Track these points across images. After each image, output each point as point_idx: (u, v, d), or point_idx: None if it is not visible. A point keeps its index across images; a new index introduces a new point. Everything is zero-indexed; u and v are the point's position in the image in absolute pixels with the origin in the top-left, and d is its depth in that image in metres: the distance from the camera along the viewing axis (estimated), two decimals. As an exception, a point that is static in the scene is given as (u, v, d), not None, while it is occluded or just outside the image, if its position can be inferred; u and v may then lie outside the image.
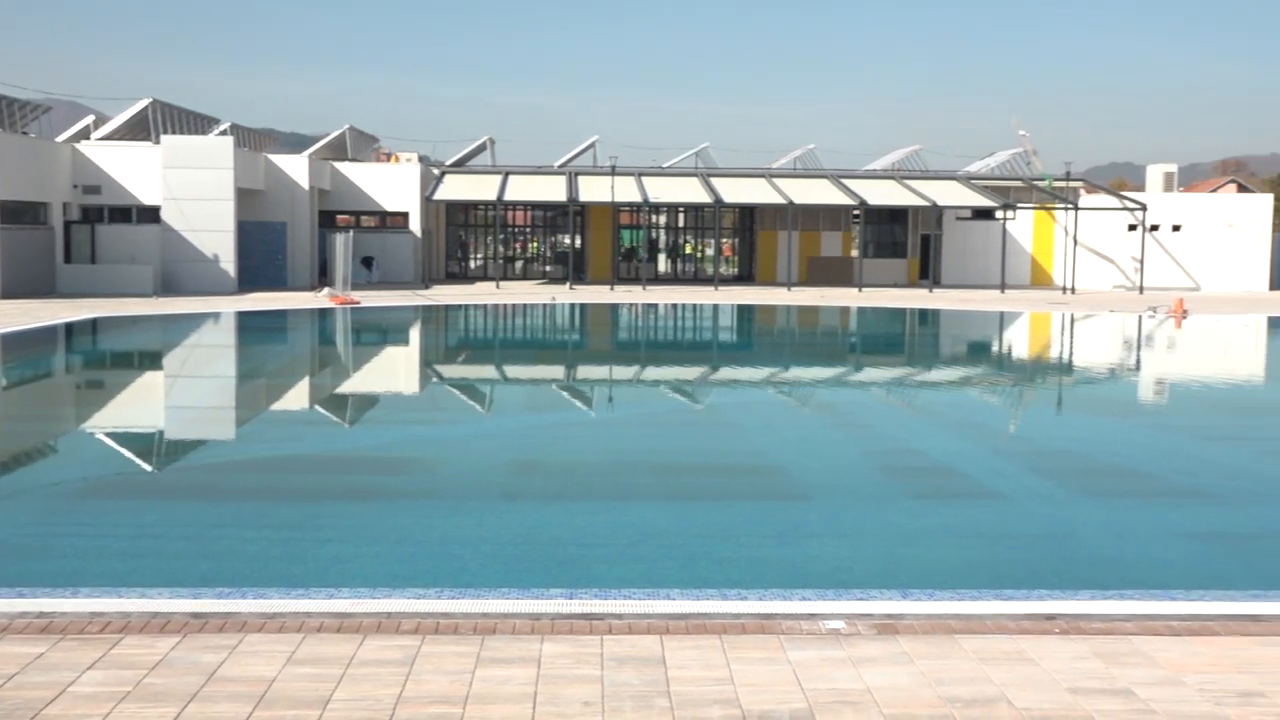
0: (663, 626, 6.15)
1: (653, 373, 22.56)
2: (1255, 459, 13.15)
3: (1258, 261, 51.86)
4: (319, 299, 36.10)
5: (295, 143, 72.94)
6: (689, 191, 49.38)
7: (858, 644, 5.89)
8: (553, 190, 48.00)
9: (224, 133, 44.79)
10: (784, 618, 6.36)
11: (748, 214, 53.28)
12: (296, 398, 18.58)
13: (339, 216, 46.21)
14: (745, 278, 53.46)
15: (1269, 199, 54.96)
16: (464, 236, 54.86)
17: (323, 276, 41.54)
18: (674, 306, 39.33)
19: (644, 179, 49.83)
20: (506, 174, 49.80)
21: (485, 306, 37.31)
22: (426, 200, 46.55)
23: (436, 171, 50.18)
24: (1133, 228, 50.88)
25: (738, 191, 49.29)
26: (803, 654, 5.72)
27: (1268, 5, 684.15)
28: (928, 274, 51.52)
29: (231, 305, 33.14)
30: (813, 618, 6.35)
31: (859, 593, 7.00)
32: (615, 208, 48.63)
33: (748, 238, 54.20)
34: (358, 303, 34.90)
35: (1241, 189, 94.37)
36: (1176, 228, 51.84)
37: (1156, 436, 15.13)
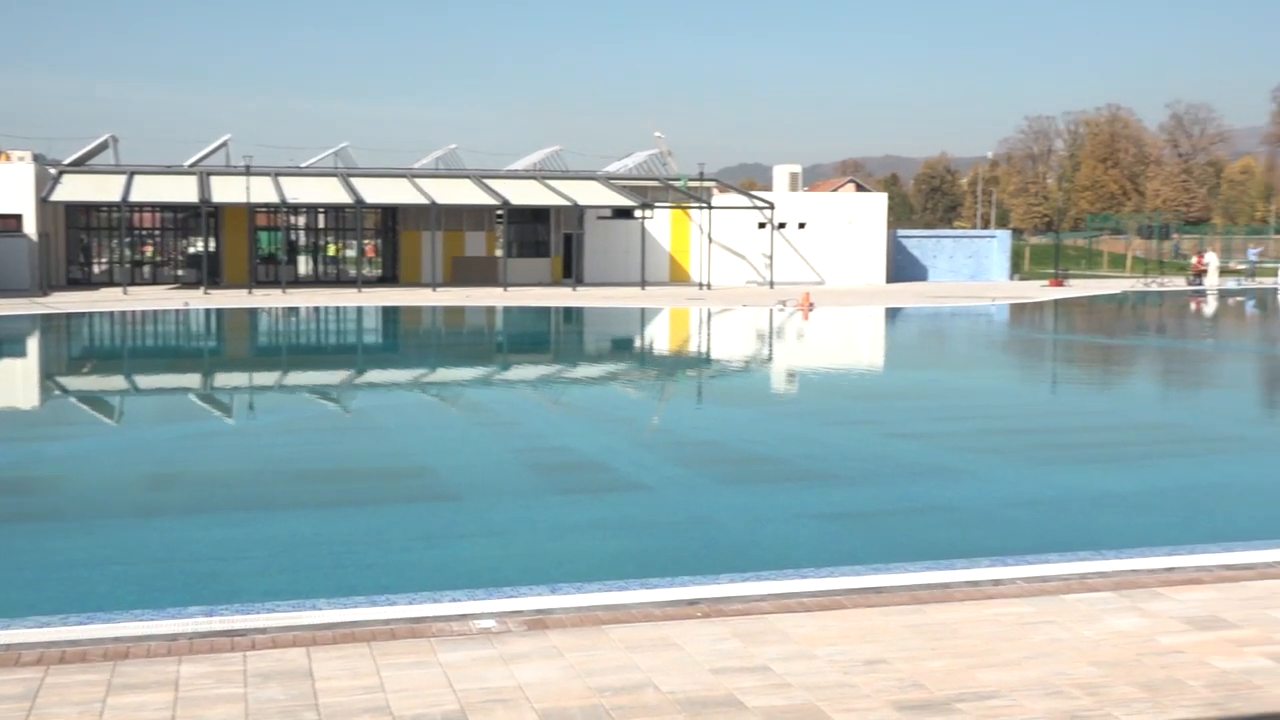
0: (309, 638, 5.98)
1: (294, 378, 21.96)
2: (876, 441, 14.03)
3: (875, 256, 55.43)
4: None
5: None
6: (329, 192, 48.36)
7: (509, 641, 5.91)
8: (183, 191, 45.96)
9: None
10: (434, 620, 6.31)
11: (390, 214, 52.67)
12: (-103, 417, 17.03)
13: (-60, 220, 42.73)
14: (390, 279, 52.82)
15: (883, 198, 58.86)
16: (86, 240, 51.75)
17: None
18: (316, 309, 38.42)
19: (281, 179, 48.43)
20: (132, 174, 47.33)
21: (112, 314, 35.30)
22: (43, 202, 43.64)
23: (54, 171, 47.11)
24: (762, 226, 53.38)
25: (379, 192, 48.64)
26: (454, 655, 5.69)
27: (887, 13, 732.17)
28: (571, 272, 52.40)
29: None
30: (463, 618, 6.33)
31: (509, 590, 7.02)
32: (251, 209, 47.03)
33: (391, 238, 53.57)
34: (-33, 312, 32.34)
35: (859, 188, 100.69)
36: (802, 225, 54.74)
37: (787, 423, 15.91)
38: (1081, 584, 7.04)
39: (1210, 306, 44.14)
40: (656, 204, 51.43)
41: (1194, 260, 62.39)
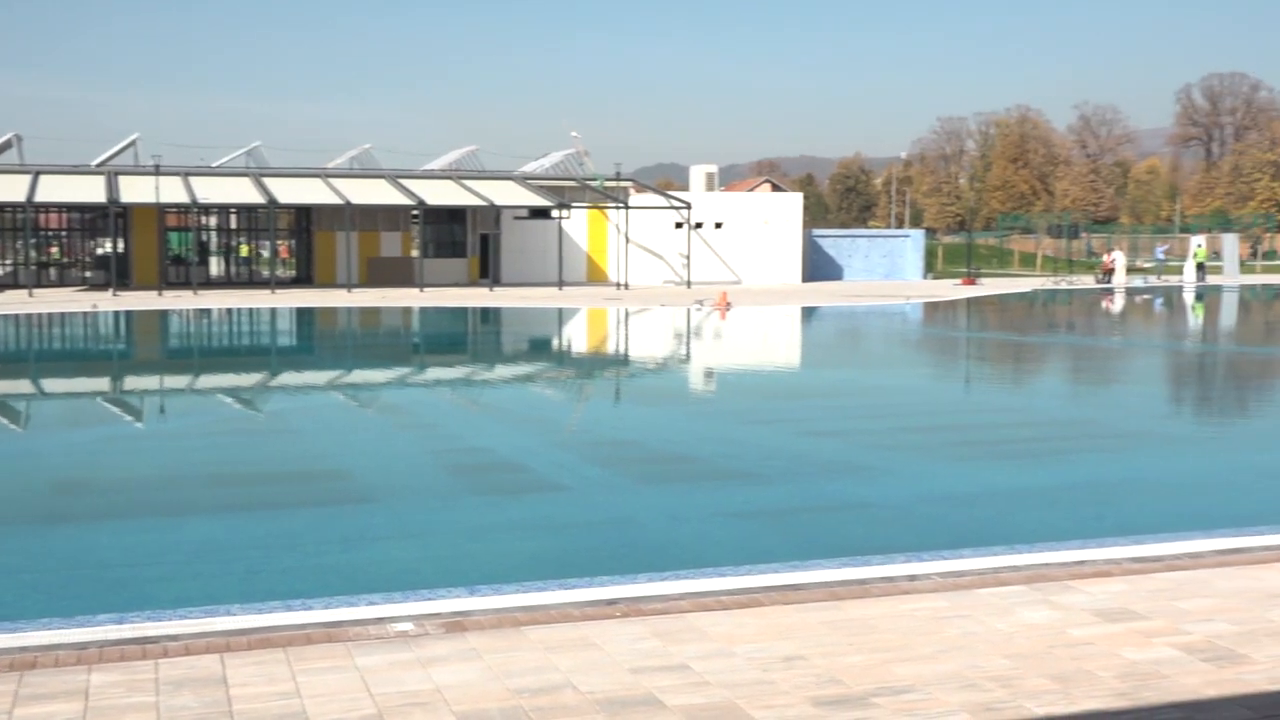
0: (223, 644, 5.89)
1: (207, 381, 21.64)
2: (793, 439, 14.13)
3: (791, 256, 55.83)
4: None
5: None
6: (241, 192, 47.74)
7: (427, 644, 5.87)
8: (91, 191, 45.09)
9: None
10: (351, 624, 6.24)
11: (304, 214, 52.10)
12: None
13: None
14: (304, 280, 52.25)
15: (799, 198, 59.31)
16: (-10, 241, 50.64)
17: None
18: (229, 311, 37.90)
19: (192, 179, 47.72)
20: (37, 173, 46.36)
21: (17, 316, 34.55)
22: (-56, 202, 42.64)
23: (-46, 171, 46.06)
24: (679, 225, 53.54)
25: (293, 192, 48.10)
26: (371, 659, 5.64)
27: (801, 14, 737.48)
28: (488, 272, 52.19)
29: None
30: (380, 622, 6.27)
31: (427, 593, 6.97)
32: (161, 209, 46.31)
33: (305, 239, 52.99)
34: None
35: (775, 188, 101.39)
36: (719, 225, 55.00)
37: (705, 422, 15.97)
38: (995, 578, 7.14)
39: (1118, 304, 45.01)
40: (573, 204, 51.39)
41: (1104, 259, 63.57)
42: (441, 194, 49.54)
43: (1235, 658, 5.65)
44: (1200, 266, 60.15)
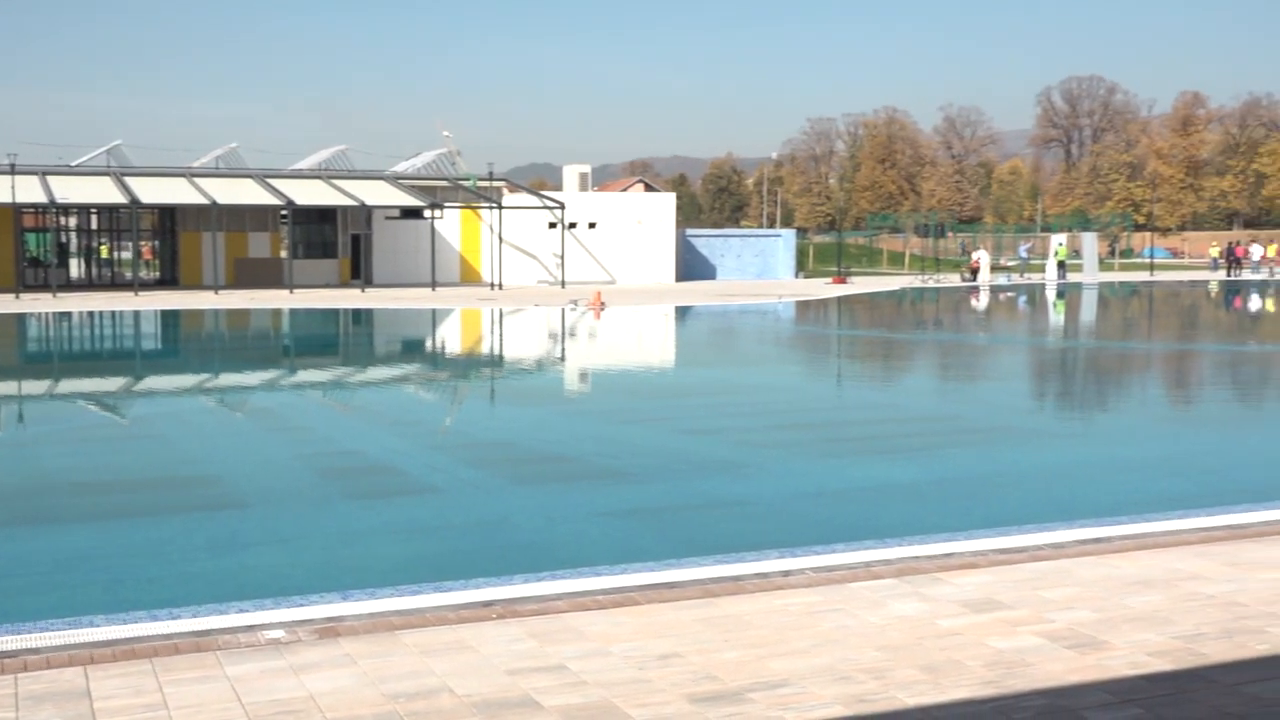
0: (86, 656, 5.73)
1: (68, 386, 21.04)
2: (667, 437, 14.20)
3: (665, 255, 56.12)
4: None
5: None
6: (102, 191, 46.48)
7: (299, 651, 5.77)
8: (-57, 190, 43.52)
9: None
10: (220, 632, 6.12)
11: (168, 215, 50.91)
12: None
13: None
14: (169, 281, 51.07)
15: (672, 198, 59.65)
16: None
17: None
18: (91, 314, 36.87)
19: (50, 178, 46.38)
20: (-115, 172, 44.62)
21: None
22: None
23: None
24: (553, 225, 53.48)
25: (156, 191, 47.00)
26: (241, 668, 5.53)
27: (674, 14, 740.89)
28: (359, 273, 51.56)
29: None
30: (251, 629, 6.16)
31: (299, 599, 6.86)
32: (17, 209, 44.87)
33: (170, 240, 51.79)
34: None
35: (649, 188, 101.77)
36: (593, 225, 55.05)
37: (580, 422, 15.98)
38: (866, 572, 7.26)
39: (983, 302, 46.05)
40: (446, 204, 51.01)
41: (972, 258, 64.99)
42: (311, 194, 48.81)
43: (1096, 644, 5.82)
44: (1061, 265, 61.87)
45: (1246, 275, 67.58)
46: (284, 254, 50.60)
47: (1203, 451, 13.69)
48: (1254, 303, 46.23)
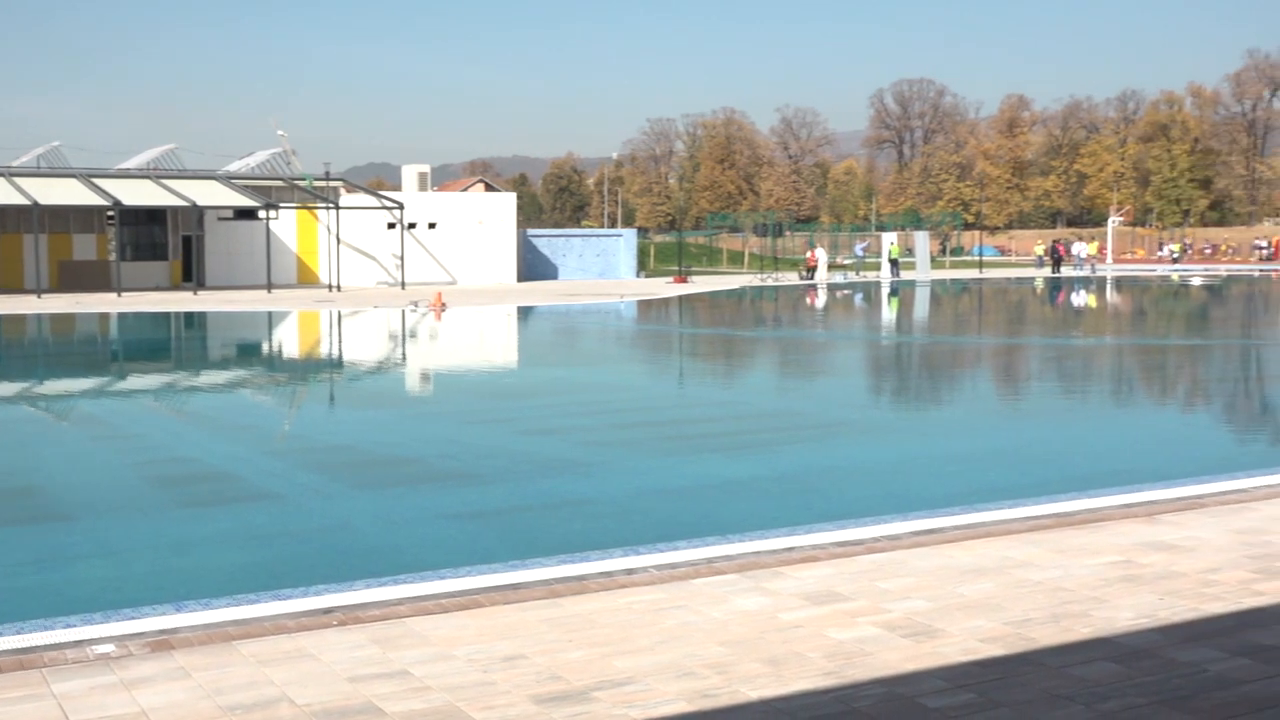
0: (-100, 679, 5.46)
1: (-120, 395, 20.04)
2: (511, 438, 14.14)
3: (506, 256, 55.91)
4: None
5: None
6: (-85, 192, 44.45)
7: (130, 665, 5.59)
8: None
9: None
10: (46, 649, 5.89)
11: (-13, 216, 48.89)
12: None
13: None
14: (-12, 286, 49.08)
15: (513, 198, 59.49)
16: None
17: None
18: (-97, 320, 35.22)
19: None
20: None
21: None
22: None
23: None
24: (392, 226, 52.85)
25: (-26, 192, 45.10)
26: (69, 685, 5.33)
27: (513, 13, 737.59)
28: (191, 276, 50.25)
29: None
30: (79, 645, 5.94)
31: (130, 612, 6.64)
32: None
33: (-11, 242, 49.75)
34: None
35: (489, 188, 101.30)
36: (433, 225, 54.57)
37: (422, 424, 15.82)
38: (709, 568, 7.33)
39: (821, 300, 46.93)
40: (281, 204, 50.02)
41: (808, 256, 66.18)
42: (139, 194, 47.39)
43: (931, 632, 5.97)
44: (895, 263, 63.40)
45: (1070, 272, 70.11)
46: (111, 256, 49.03)
47: (1031, 443, 14.15)
48: (1077, 299, 48.00)
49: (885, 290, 53.60)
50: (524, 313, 38.88)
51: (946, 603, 6.47)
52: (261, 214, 49.00)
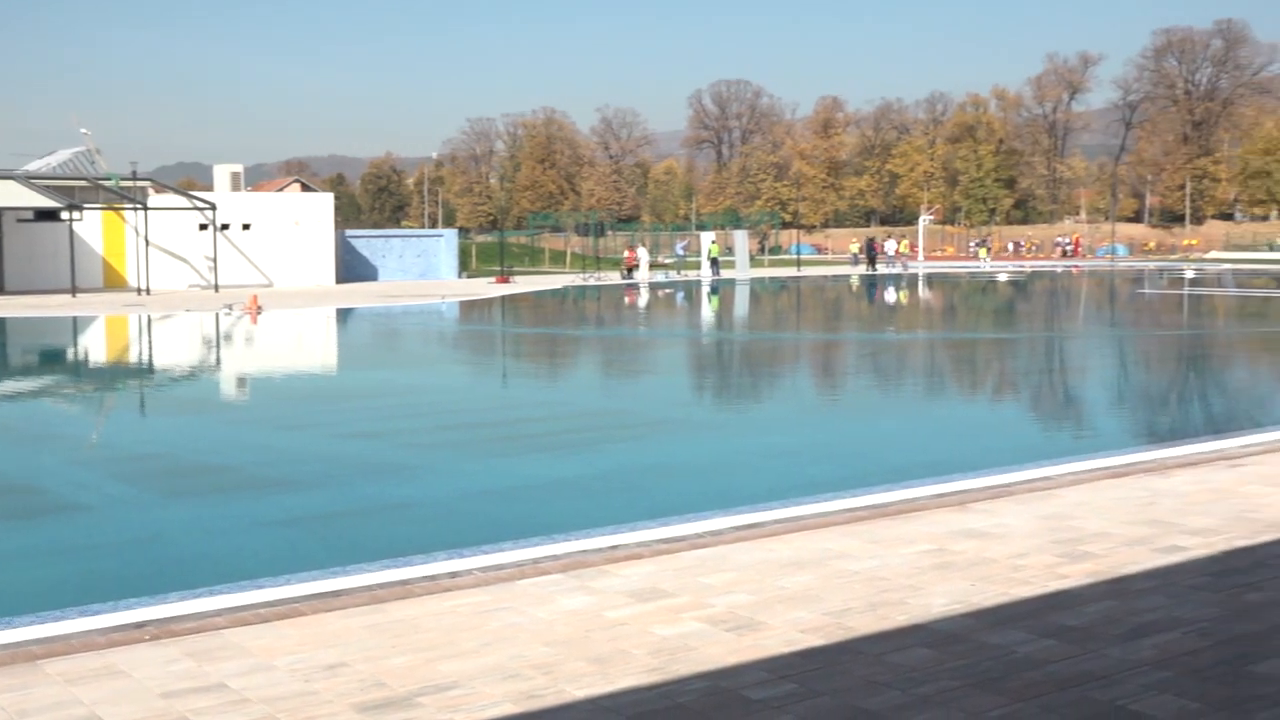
0: None
1: None
2: (331, 442, 13.89)
3: (324, 257, 54.91)
4: None
5: None
6: None
7: (-74, 690, 5.32)
8: None
9: None
10: None
11: None
12: None
13: None
14: None
15: (330, 198, 58.46)
16: None
17: None
18: None
19: None
20: None
21: None
22: None
23: None
24: (204, 227, 51.41)
25: None
26: None
27: (329, 10, 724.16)
28: (-10, 280, 48.08)
29: None
30: None
31: (-75, 633, 6.32)
32: None
33: None
34: None
35: (306, 188, 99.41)
36: (247, 227, 53.26)
37: (239, 430, 15.42)
38: (535, 568, 7.31)
39: (643, 299, 47.27)
40: (85, 205, 48.18)
41: (629, 254, 66.59)
42: (-69, 195, 45.14)
43: (754, 625, 6.06)
44: (714, 261, 64.20)
45: (883, 269, 72.03)
46: (-99, 260, 46.63)
47: (848, 437, 14.50)
48: (890, 295, 49.33)
49: (705, 289, 54.26)
50: (343, 315, 38.23)
51: (768, 596, 6.58)
52: (64, 215, 47.13)
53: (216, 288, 49.47)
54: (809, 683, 5.23)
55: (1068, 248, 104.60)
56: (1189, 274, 65.89)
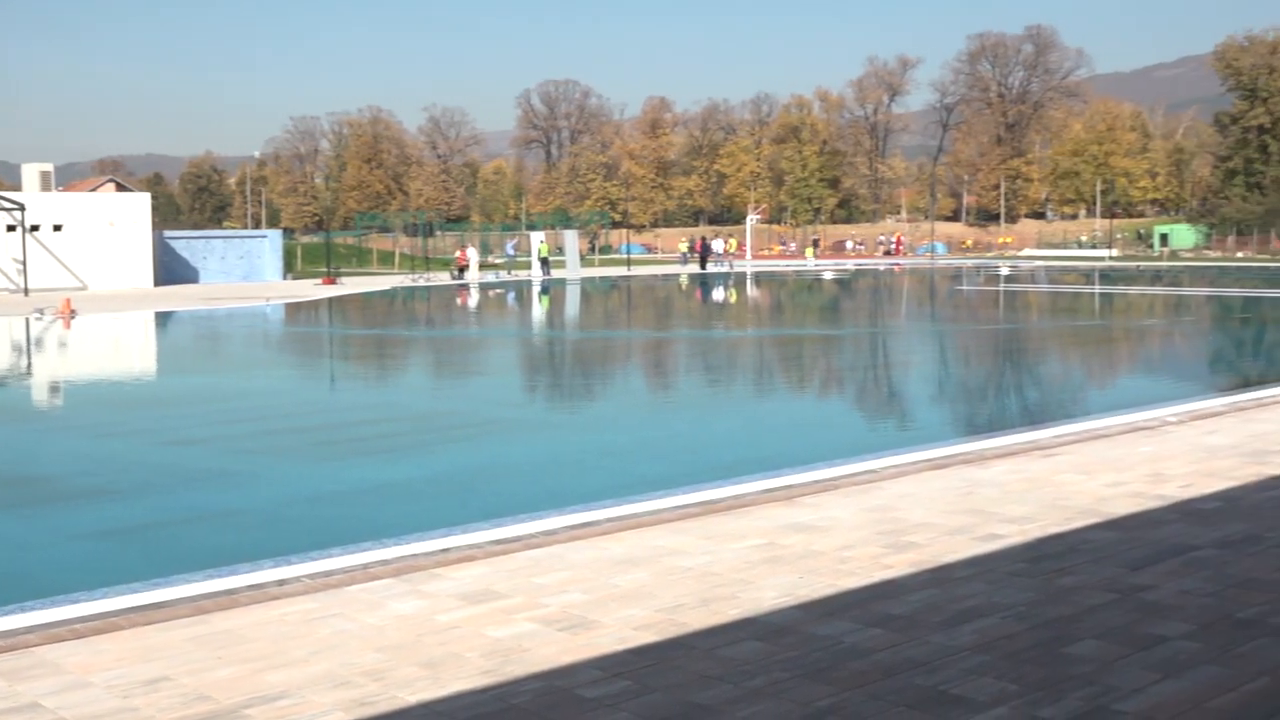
0: None
1: None
2: (151, 450, 13.47)
3: (142, 259, 53.27)
4: None
5: None
6: None
7: None
8: None
9: None
10: None
11: None
12: None
13: None
14: None
15: (147, 198, 56.72)
16: None
17: None
18: None
19: None
20: None
21: None
22: None
23: None
24: (12, 228, 49.39)
25: None
26: None
27: (143, 5, 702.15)
28: None
29: None
30: None
31: None
32: None
33: None
34: None
35: (121, 188, 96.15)
36: (58, 227, 51.34)
37: (53, 439, 14.85)
38: (364, 574, 7.19)
39: (473, 299, 46.97)
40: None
41: (458, 255, 66.10)
42: None
43: (588, 624, 6.06)
44: (545, 261, 64.15)
45: (712, 268, 72.88)
46: None
47: (678, 434, 14.62)
48: (719, 293, 49.94)
49: (536, 289, 54.18)
50: (163, 318, 37.10)
51: (602, 594, 6.59)
52: None
53: (26, 291, 47.57)
54: (642, 679, 5.25)
55: (890, 246, 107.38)
56: (1004, 271, 68.24)
